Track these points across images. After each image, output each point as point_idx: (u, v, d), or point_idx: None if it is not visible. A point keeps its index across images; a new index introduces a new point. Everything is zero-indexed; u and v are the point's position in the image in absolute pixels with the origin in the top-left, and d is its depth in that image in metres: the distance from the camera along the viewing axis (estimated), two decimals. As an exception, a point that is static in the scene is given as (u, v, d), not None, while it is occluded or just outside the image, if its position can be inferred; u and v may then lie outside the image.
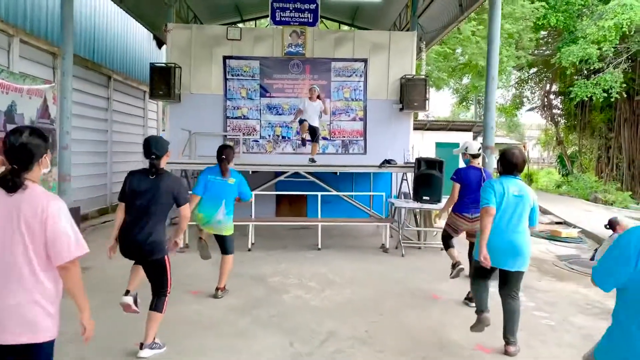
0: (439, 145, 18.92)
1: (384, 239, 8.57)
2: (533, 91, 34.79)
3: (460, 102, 42.27)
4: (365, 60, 11.73)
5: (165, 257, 4.08)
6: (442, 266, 7.29)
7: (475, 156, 5.85)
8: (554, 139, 32.07)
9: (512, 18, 19.89)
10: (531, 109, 35.18)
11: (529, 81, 33.36)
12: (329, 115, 11.64)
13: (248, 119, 11.69)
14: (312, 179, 8.99)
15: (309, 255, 8.05)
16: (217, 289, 5.69)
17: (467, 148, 5.91)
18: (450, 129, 18.67)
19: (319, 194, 8.76)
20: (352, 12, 14.04)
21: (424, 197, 8.10)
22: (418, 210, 8.74)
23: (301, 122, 9.69)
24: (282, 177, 9.06)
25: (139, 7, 13.11)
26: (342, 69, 11.73)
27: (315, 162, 9.64)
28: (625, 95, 22.22)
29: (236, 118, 11.68)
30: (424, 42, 11.97)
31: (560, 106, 31.32)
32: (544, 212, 16.19)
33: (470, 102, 40.56)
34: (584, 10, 20.88)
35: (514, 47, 20.63)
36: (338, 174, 8.89)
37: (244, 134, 11.63)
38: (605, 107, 26.36)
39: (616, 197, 21.27)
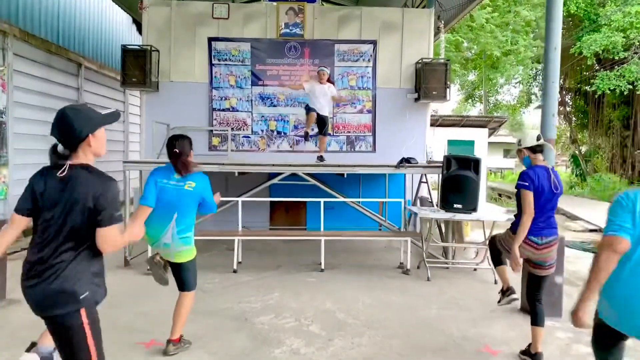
0: (451, 143, 17.19)
1: (404, 257, 6.88)
2: (542, 88, 33.18)
3: (466, 98, 40.52)
4: (374, 42, 10.02)
5: (83, 312, 2.38)
6: (483, 295, 5.60)
7: (536, 150, 4.13)
8: (568, 137, 30.43)
9: (529, 4, 18.24)
10: (540, 107, 33.55)
11: (537, 77, 31.71)
12: (332, 107, 9.95)
13: (237, 111, 9.99)
14: (312, 182, 7.28)
15: (310, 279, 6.34)
16: (168, 341, 3.97)
17: (520, 141, 4.23)
18: (464, 125, 16.95)
19: (322, 200, 7.04)
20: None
21: (455, 205, 6.40)
22: (442, 220, 7.03)
23: (308, 111, 8.03)
24: (276, 180, 7.34)
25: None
26: (348, 53, 10.03)
27: (324, 160, 7.97)
28: (643, 91, 20.54)
29: (224, 110, 9.97)
30: (442, 21, 10.30)
31: (571, 103, 29.79)
32: (572, 217, 14.51)
33: (476, 99, 38.88)
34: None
35: (531, 36, 18.98)
36: (345, 175, 7.18)
37: (232, 128, 9.92)
38: (621, 104, 24.83)
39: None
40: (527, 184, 3.99)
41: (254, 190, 7.76)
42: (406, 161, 6.95)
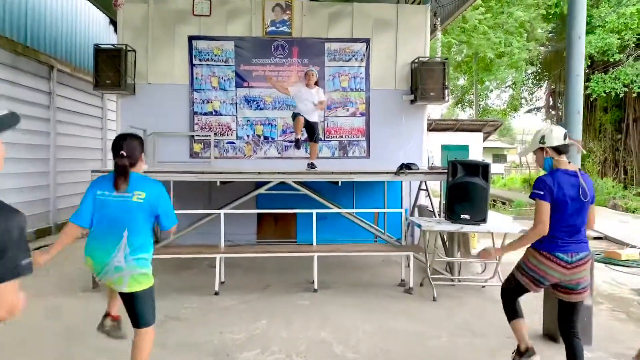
0: (445, 147, 16.68)
1: (405, 273, 6.20)
2: (531, 92, 32.91)
3: (456, 103, 40.17)
4: (367, 41, 9.38)
5: None
6: (497, 318, 4.92)
7: (562, 150, 3.44)
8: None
9: (523, 5, 17.75)
10: (530, 110, 33.25)
11: (527, 81, 31.41)
12: (323, 111, 9.27)
13: (221, 114, 9.27)
14: (303, 191, 6.58)
15: (302, 302, 5.62)
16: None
17: (543, 138, 3.42)
18: (458, 130, 16.42)
19: (314, 211, 6.33)
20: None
21: (463, 216, 5.74)
22: (446, 232, 6.35)
23: (295, 116, 7.36)
24: (262, 190, 6.62)
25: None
26: (339, 52, 9.37)
27: (315, 167, 7.31)
28: (634, 94, 20.15)
29: (206, 114, 9.25)
30: (439, 19, 9.71)
31: (561, 107, 29.48)
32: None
33: (465, 103, 38.50)
34: (602, -4, 18.83)
35: (525, 38, 18.48)
36: (340, 184, 6.48)
37: (215, 134, 9.21)
38: (613, 107, 24.55)
39: (639, 204, 19.18)
40: (542, 192, 3.31)
41: (240, 201, 7.03)
42: (406, 167, 6.28)
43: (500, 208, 18.03)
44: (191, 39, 9.20)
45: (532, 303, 4.54)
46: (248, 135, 9.29)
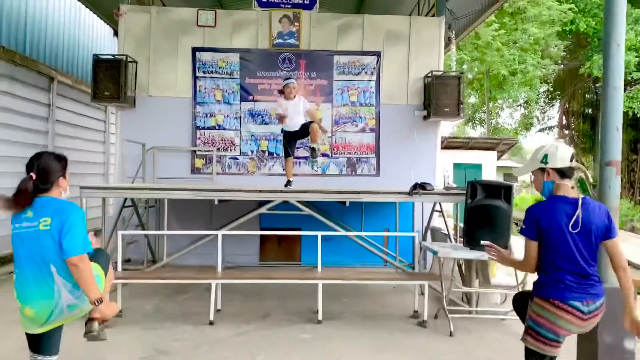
0: (457, 166, 16.15)
1: (418, 303, 5.66)
2: (543, 111, 32.36)
3: (466, 121, 39.68)
4: (378, 54, 8.96)
5: None
6: (519, 357, 4.37)
7: (566, 174, 2.90)
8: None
9: (538, 22, 17.33)
10: (543, 130, 32.65)
11: (539, 100, 30.86)
12: (330, 125, 8.85)
13: (224, 129, 8.86)
14: (307, 211, 6.09)
15: (304, 335, 5.09)
16: None
17: (546, 157, 2.89)
18: (471, 148, 15.91)
19: (319, 233, 5.82)
20: (356, 0, 11.33)
21: (483, 242, 5.21)
22: (463, 259, 5.82)
23: (285, 146, 6.89)
24: (263, 210, 6.13)
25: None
26: (348, 65, 8.95)
27: (317, 151, 6.69)
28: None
29: (209, 128, 8.84)
30: (454, 32, 9.28)
31: (574, 127, 28.95)
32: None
33: (476, 122, 37.99)
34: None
35: (539, 56, 18.03)
36: (348, 204, 5.99)
37: (218, 149, 8.79)
38: (627, 127, 23.97)
39: (658, 227, 18.50)
40: (524, 226, 2.88)
41: (240, 220, 6.55)
42: (420, 187, 5.78)
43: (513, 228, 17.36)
44: (195, 50, 8.84)
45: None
46: (252, 151, 8.86)
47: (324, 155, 8.84)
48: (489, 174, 16.31)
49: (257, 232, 7.37)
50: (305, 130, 6.77)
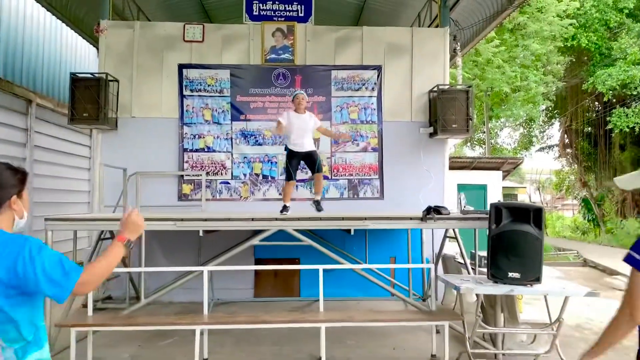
0: (461, 188, 15.41)
1: (437, 346, 4.89)
2: (542, 129, 31.85)
3: (464, 142, 39.11)
4: (378, 68, 8.34)
5: None
6: None
7: None
8: (577, 179, 28.77)
9: (539, 37, 16.87)
10: (542, 149, 32.09)
11: (538, 119, 30.37)
12: (329, 145, 8.18)
13: (214, 151, 8.16)
14: (306, 241, 5.34)
15: (305, 390, 4.31)
16: None
17: None
18: (475, 168, 15.22)
19: (320, 267, 5.06)
20: (354, 13, 10.76)
21: (511, 274, 4.48)
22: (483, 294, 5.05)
23: (287, 165, 6.26)
24: (256, 241, 5.37)
25: (71, 9, 9.78)
26: (347, 80, 8.32)
27: (321, 207, 6.13)
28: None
29: (197, 151, 8.14)
30: (459, 43, 8.70)
31: (574, 145, 28.42)
32: (611, 272, 12.53)
33: (474, 142, 37.45)
34: (621, 28, 17.95)
35: (542, 72, 17.53)
36: (353, 232, 5.25)
37: (208, 173, 8.08)
38: (630, 145, 23.44)
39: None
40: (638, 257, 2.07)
41: (232, 252, 5.79)
42: (435, 211, 5.06)
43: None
44: (181, 67, 8.20)
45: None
46: (245, 175, 8.15)
47: (323, 177, 8.11)
48: (495, 195, 15.59)
49: (249, 267, 6.59)
50: (311, 160, 6.12)
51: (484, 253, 7.17)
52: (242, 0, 8.47)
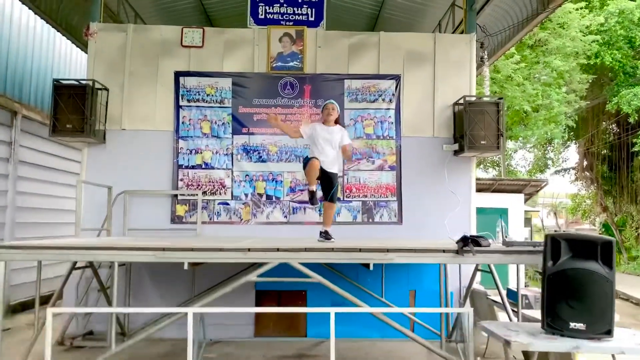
0: (480, 211, 14.42)
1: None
2: (558, 152, 30.82)
3: (478, 164, 38.05)
4: (397, 77, 7.48)
5: None
6: None
7: None
8: (597, 204, 27.61)
9: (561, 54, 16.02)
10: (558, 172, 31.00)
11: (553, 141, 29.32)
12: (341, 163, 7.27)
13: (213, 168, 7.30)
14: (314, 277, 4.39)
15: None
16: None
17: None
18: (495, 190, 14.25)
19: (332, 310, 4.09)
20: (368, 22, 9.97)
21: (574, 324, 3.52)
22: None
23: (307, 161, 5.38)
24: (253, 277, 4.41)
25: (63, 15, 9.06)
26: (362, 91, 7.46)
27: (329, 238, 5.23)
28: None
29: (193, 167, 7.28)
30: (486, 52, 7.83)
31: (599, 167, 27.38)
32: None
33: (487, 164, 36.40)
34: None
35: (564, 90, 16.64)
36: (372, 267, 4.28)
37: (204, 192, 7.20)
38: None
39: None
40: None
41: (228, 288, 4.83)
42: (472, 242, 4.12)
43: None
44: (178, 75, 7.40)
45: None
46: (246, 194, 7.26)
47: (333, 199, 7.22)
48: (517, 220, 14.58)
49: (245, 310, 5.54)
50: (327, 185, 5.29)
51: (527, 291, 6.21)
52: (247, 4, 7.70)
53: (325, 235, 5.27)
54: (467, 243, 4.11)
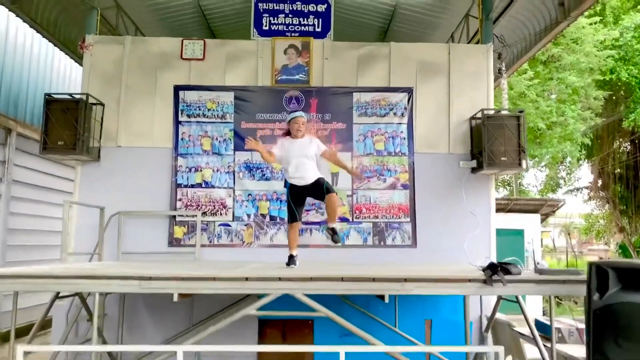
0: (496, 232, 13.86)
1: None
2: (569, 171, 30.18)
3: (490, 184, 37.25)
4: (409, 90, 7.03)
5: None
6: None
7: None
8: (614, 224, 26.86)
9: (575, 70, 15.55)
10: (570, 191, 30.31)
11: (577, 158, 28.58)
12: (350, 181, 6.81)
13: (213, 187, 6.85)
14: (320, 310, 3.88)
15: None
16: None
17: None
18: (511, 211, 13.68)
19: (342, 349, 3.57)
20: (377, 36, 9.57)
21: (627, 370, 2.98)
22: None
23: (288, 197, 5.03)
24: (252, 310, 3.88)
25: (61, 29, 8.74)
26: (372, 105, 7.01)
27: (337, 235, 4.78)
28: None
29: (193, 186, 6.84)
30: (504, 63, 7.39)
31: (614, 187, 26.72)
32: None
33: (498, 183, 35.68)
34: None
35: (579, 107, 16.12)
36: (387, 298, 3.75)
37: (204, 213, 6.74)
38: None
39: None
40: None
41: (228, 321, 4.32)
42: (502, 269, 3.60)
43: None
44: (178, 88, 7.01)
45: None
46: (249, 215, 6.79)
47: (342, 219, 6.74)
48: (533, 241, 13.96)
49: (244, 348, 4.94)
50: (319, 190, 4.82)
51: (558, 323, 5.64)
52: (251, 15, 7.33)
53: (333, 232, 4.85)
54: (496, 271, 3.59)
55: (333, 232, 4.84)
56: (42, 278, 3.80)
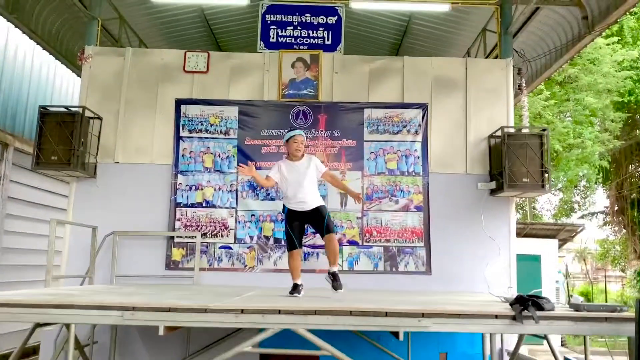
0: (512, 258, 13.31)
1: None
2: (584, 195, 29.51)
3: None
4: (424, 106, 6.64)
5: None
6: None
7: None
8: (631, 251, 26.09)
9: (593, 91, 15.12)
10: (584, 216, 29.59)
11: (580, 183, 28.01)
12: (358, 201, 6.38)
13: (214, 206, 6.45)
14: (327, 349, 3.41)
15: None
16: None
17: None
18: (527, 235, 13.13)
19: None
20: (389, 52, 9.24)
21: None
22: None
23: (287, 221, 4.64)
24: (248, 347, 3.41)
25: (63, 42, 8.49)
26: (384, 121, 6.62)
27: (338, 282, 4.33)
28: None
29: (193, 205, 6.44)
30: (524, 79, 6.98)
31: (632, 212, 26.02)
32: None
33: (517, 207, 34.98)
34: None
35: (596, 129, 15.67)
36: (402, 336, 3.29)
37: (204, 234, 6.33)
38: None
39: None
40: None
41: (224, 357, 3.86)
42: (533, 304, 3.13)
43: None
44: (179, 102, 6.68)
45: None
46: (251, 237, 6.37)
47: (351, 243, 6.30)
48: (550, 268, 13.35)
49: None
50: (319, 220, 4.40)
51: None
52: (258, 27, 7.02)
53: (334, 278, 4.37)
54: (527, 306, 3.12)
55: (334, 278, 4.37)
56: (12, 307, 3.38)
